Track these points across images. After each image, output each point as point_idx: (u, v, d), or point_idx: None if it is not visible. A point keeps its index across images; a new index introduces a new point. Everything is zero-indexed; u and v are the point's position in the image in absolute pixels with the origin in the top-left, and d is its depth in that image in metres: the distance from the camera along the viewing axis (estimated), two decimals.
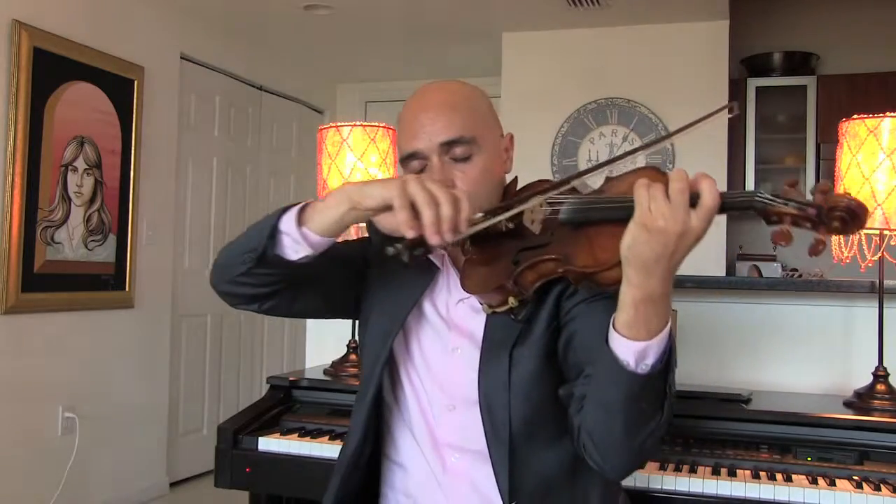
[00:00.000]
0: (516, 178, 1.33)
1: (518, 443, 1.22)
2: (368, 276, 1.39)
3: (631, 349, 1.02)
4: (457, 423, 1.27)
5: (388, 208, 1.07)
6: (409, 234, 1.03)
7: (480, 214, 1.10)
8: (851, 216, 0.93)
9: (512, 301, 1.19)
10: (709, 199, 0.97)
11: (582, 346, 1.18)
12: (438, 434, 1.28)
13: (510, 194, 1.29)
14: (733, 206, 0.99)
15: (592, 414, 1.10)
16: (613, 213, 1.06)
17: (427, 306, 1.32)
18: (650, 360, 1.02)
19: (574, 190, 1.18)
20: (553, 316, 1.23)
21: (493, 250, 1.23)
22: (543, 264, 1.15)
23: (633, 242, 0.98)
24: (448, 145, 1.24)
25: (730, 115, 1.14)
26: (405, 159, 1.29)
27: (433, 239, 1.02)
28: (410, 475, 1.32)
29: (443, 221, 1.02)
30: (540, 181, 1.29)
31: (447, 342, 1.30)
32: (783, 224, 0.96)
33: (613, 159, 1.19)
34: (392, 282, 1.34)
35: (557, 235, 1.16)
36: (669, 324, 1.03)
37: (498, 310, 1.21)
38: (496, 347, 1.24)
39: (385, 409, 1.35)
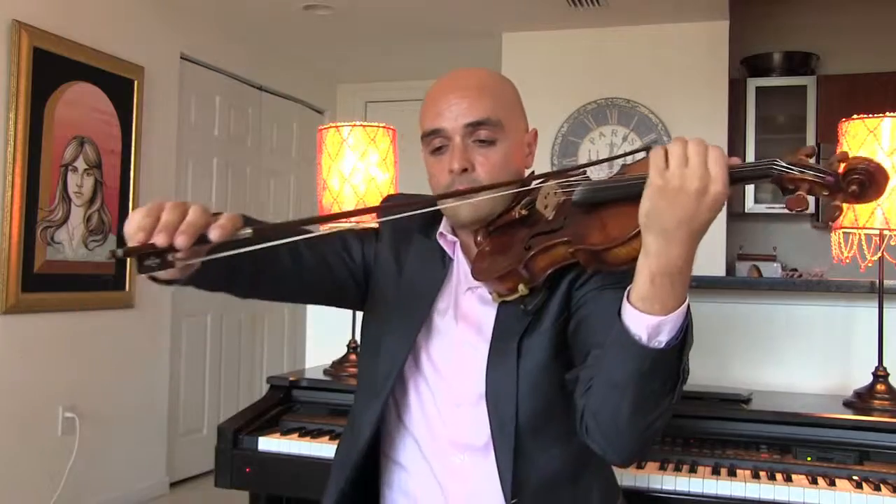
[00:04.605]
0: (533, 172, 1.30)
1: (524, 438, 1.19)
2: (375, 273, 1.35)
3: (644, 323, 0.96)
4: (462, 420, 1.24)
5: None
6: (139, 236, 0.88)
7: (248, 231, 0.92)
8: (870, 179, 0.88)
9: (522, 289, 1.16)
10: (716, 162, 0.92)
11: (591, 330, 1.14)
12: (443, 433, 1.25)
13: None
14: (750, 175, 0.96)
15: (600, 393, 1.04)
16: (627, 189, 1.01)
17: (438, 303, 1.29)
18: (664, 337, 0.97)
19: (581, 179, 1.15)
20: (563, 307, 1.20)
21: (505, 239, 1.20)
22: (555, 248, 1.12)
23: (652, 207, 0.93)
24: (473, 126, 1.22)
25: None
26: (427, 135, 1.26)
27: (159, 237, 0.87)
28: (410, 475, 1.29)
29: (182, 224, 0.88)
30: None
31: (454, 337, 1.26)
32: (799, 191, 0.92)
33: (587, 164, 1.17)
34: (406, 281, 1.31)
35: (570, 219, 1.13)
36: (687, 300, 0.98)
37: (508, 298, 1.18)
38: (505, 338, 1.21)
39: (387, 409, 1.32)
